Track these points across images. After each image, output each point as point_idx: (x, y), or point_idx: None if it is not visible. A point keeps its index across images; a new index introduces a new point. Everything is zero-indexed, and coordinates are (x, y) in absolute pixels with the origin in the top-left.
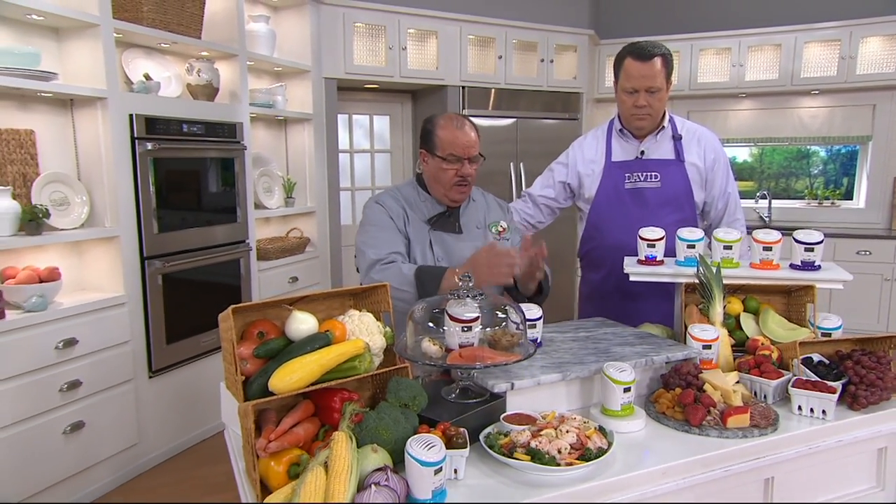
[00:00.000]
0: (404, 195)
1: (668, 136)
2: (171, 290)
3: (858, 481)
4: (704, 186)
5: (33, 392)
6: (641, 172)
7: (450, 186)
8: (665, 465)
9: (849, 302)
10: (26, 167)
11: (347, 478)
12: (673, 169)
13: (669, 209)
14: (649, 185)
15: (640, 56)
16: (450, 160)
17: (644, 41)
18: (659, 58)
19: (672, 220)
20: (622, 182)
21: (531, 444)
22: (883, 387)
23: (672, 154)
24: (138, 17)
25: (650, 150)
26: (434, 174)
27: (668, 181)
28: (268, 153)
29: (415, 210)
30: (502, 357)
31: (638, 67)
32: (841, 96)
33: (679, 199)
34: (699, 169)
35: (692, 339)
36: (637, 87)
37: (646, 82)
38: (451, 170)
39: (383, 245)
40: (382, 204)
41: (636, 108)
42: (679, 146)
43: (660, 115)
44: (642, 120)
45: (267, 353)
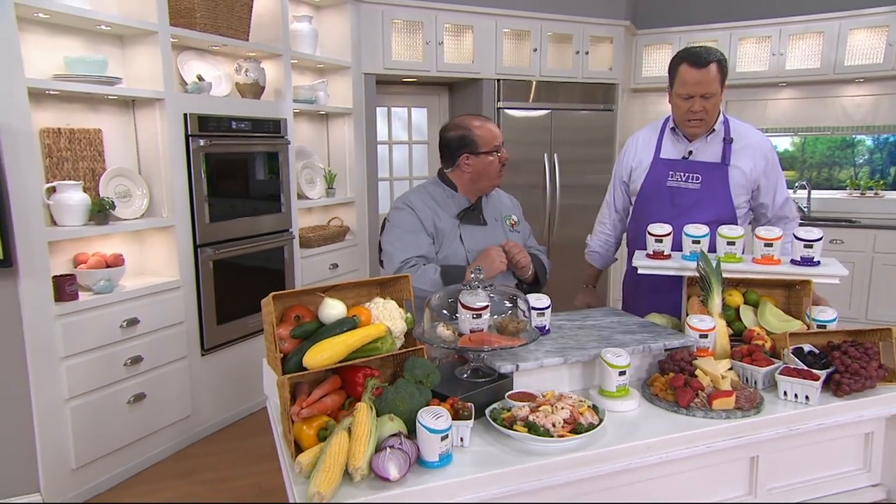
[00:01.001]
0: (431, 194)
1: (719, 139)
2: (221, 275)
3: (845, 463)
4: (748, 191)
5: (101, 365)
6: (685, 173)
7: (496, 175)
8: (650, 440)
9: (889, 293)
10: (94, 163)
11: (367, 441)
12: (716, 173)
13: (705, 211)
14: (689, 185)
15: (695, 63)
16: (493, 153)
17: (699, 47)
18: (714, 64)
19: (708, 220)
20: (665, 179)
21: (529, 418)
22: (866, 375)
23: (719, 157)
24: (192, 22)
25: (698, 152)
26: (482, 170)
27: (708, 184)
28: (310, 146)
29: (443, 207)
30: (508, 341)
31: (693, 74)
32: (888, 84)
33: (715, 201)
34: (745, 173)
35: (690, 329)
36: (692, 94)
37: (701, 88)
38: (496, 160)
39: (410, 248)
40: (412, 206)
41: (691, 113)
42: (728, 149)
43: (714, 119)
44: (696, 126)
45: (301, 334)
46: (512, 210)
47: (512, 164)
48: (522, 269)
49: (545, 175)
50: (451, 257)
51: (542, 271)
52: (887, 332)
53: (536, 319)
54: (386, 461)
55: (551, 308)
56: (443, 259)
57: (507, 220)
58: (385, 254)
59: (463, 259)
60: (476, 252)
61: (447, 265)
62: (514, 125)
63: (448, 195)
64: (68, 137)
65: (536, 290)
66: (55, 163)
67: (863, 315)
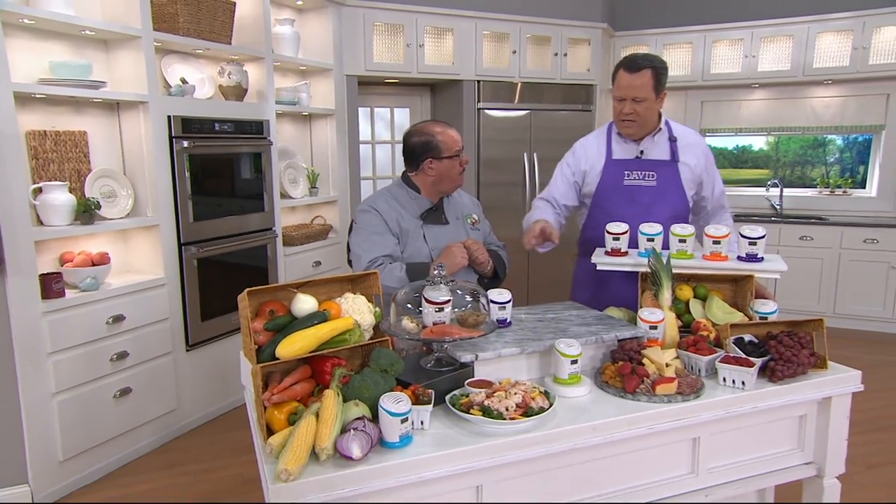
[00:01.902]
0: (395, 196)
1: (665, 138)
2: (205, 272)
3: (781, 444)
4: (696, 185)
5: (88, 361)
6: (640, 171)
7: (457, 176)
8: (595, 423)
9: (855, 288)
10: (80, 164)
11: (333, 424)
12: (668, 169)
13: (664, 206)
14: (646, 183)
15: (630, 68)
16: (454, 156)
17: (640, 54)
18: (648, 69)
19: (666, 217)
20: (622, 179)
21: (485, 403)
22: (797, 362)
23: (668, 155)
24: (175, 27)
25: (648, 151)
26: (445, 173)
27: (664, 180)
28: (293, 146)
29: (406, 209)
30: (467, 333)
31: (627, 78)
32: (854, 86)
33: (672, 197)
34: (691, 168)
35: (641, 321)
36: (624, 96)
37: (632, 92)
38: (457, 163)
39: (376, 248)
40: (377, 208)
41: (623, 114)
42: (674, 147)
43: (647, 122)
44: (628, 127)
45: (274, 326)
46: (473, 209)
47: (492, 162)
48: (481, 265)
49: (525, 174)
50: (416, 255)
51: (502, 266)
52: (819, 322)
53: (498, 313)
54: (349, 442)
55: (512, 302)
56: (408, 257)
57: (468, 218)
58: (353, 254)
59: (427, 256)
60: (439, 250)
61: (412, 263)
62: (494, 125)
63: (411, 197)
64: (54, 139)
65: (496, 285)
66: (41, 164)
67: (831, 309)
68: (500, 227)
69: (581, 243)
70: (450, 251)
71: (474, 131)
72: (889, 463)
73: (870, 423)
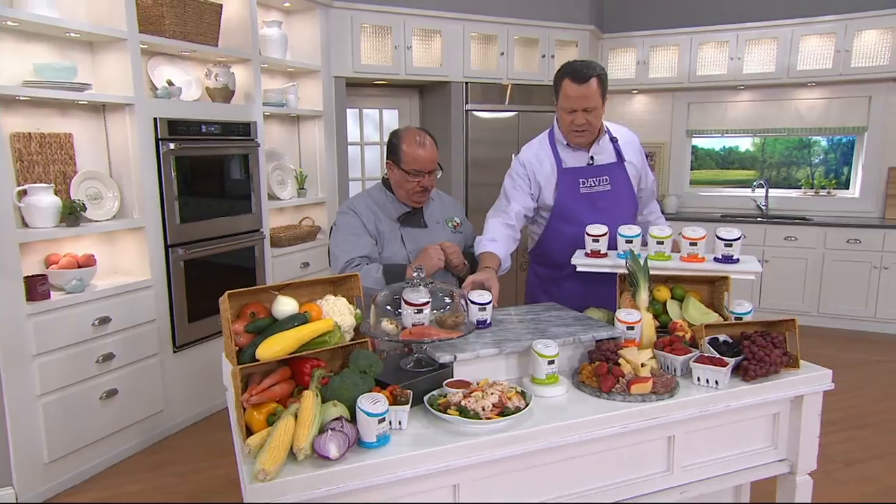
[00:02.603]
0: (374, 199)
1: (608, 140)
2: (193, 274)
3: (756, 441)
4: (637, 180)
5: (74, 362)
6: (595, 178)
7: (412, 194)
8: (570, 422)
9: (838, 288)
10: (65, 166)
11: (310, 424)
12: (618, 171)
13: (620, 208)
14: (601, 188)
15: (576, 78)
16: (413, 174)
17: (580, 62)
18: (594, 79)
19: (625, 214)
20: (577, 187)
21: (462, 403)
22: (770, 362)
23: (614, 156)
24: (161, 29)
25: (597, 156)
26: (399, 182)
27: (616, 183)
28: (281, 148)
29: (384, 211)
30: (445, 334)
31: (575, 89)
32: (837, 88)
33: (626, 198)
34: (635, 165)
35: (618, 322)
36: (575, 107)
37: (582, 103)
38: (415, 181)
39: (354, 249)
40: (355, 210)
41: (575, 125)
42: (617, 147)
43: (597, 129)
44: (581, 136)
45: (255, 328)
46: (455, 212)
47: (480, 164)
48: (455, 268)
49: None
50: (393, 258)
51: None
52: (791, 322)
53: (478, 314)
54: (327, 442)
55: (493, 303)
56: (385, 259)
57: (450, 221)
58: (332, 255)
59: (404, 259)
60: (416, 253)
61: (389, 264)
62: (482, 126)
63: (389, 200)
64: (39, 142)
65: None
66: (26, 166)
67: (815, 308)
68: None
69: (536, 254)
70: (426, 253)
71: (462, 132)
72: (867, 459)
73: (849, 420)
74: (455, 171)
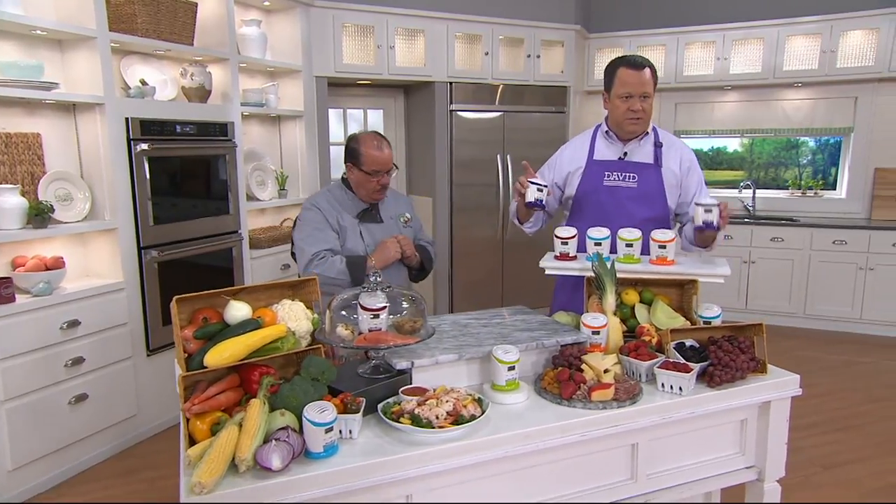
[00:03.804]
0: (335, 196)
1: (651, 143)
2: (167, 276)
3: (723, 448)
4: (679, 190)
5: (41, 367)
6: (621, 172)
7: (372, 192)
8: (527, 430)
9: (825, 289)
10: (34, 167)
11: (254, 434)
12: (650, 172)
13: (642, 207)
14: (626, 184)
15: (634, 65)
16: (373, 174)
17: (633, 55)
18: (649, 68)
19: (643, 218)
20: (601, 179)
21: (415, 411)
22: (736, 367)
23: (651, 159)
24: (133, 28)
25: (632, 153)
26: (359, 182)
27: (644, 183)
28: (262, 148)
29: (345, 208)
30: (401, 339)
31: (633, 75)
32: (823, 88)
33: (652, 199)
34: (675, 174)
35: (583, 326)
36: (633, 93)
37: (640, 88)
38: (375, 180)
39: (319, 242)
40: (318, 206)
41: (631, 111)
42: (659, 152)
43: (650, 119)
44: (636, 123)
45: (204, 335)
46: (406, 209)
47: (465, 164)
48: (408, 258)
49: (498, 175)
50: (353, 250)
51: (428, 260)
52: (759, 327)
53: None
54: (270, 452)
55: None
56: (346, 251)
57: (401, 217)
58: (297, 248)
59: (363, 251)
60: (374, 245)
61: (351, 255)
62: (467, 127)
63: (349, 197)
64: (5, 142)
65: (423, 276)
66: None
67: (801, 310)
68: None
69: None
70: (384, 245)
71: (447, 133)
72: (847, 463)
73: (832, 423)
74: (439, 172)
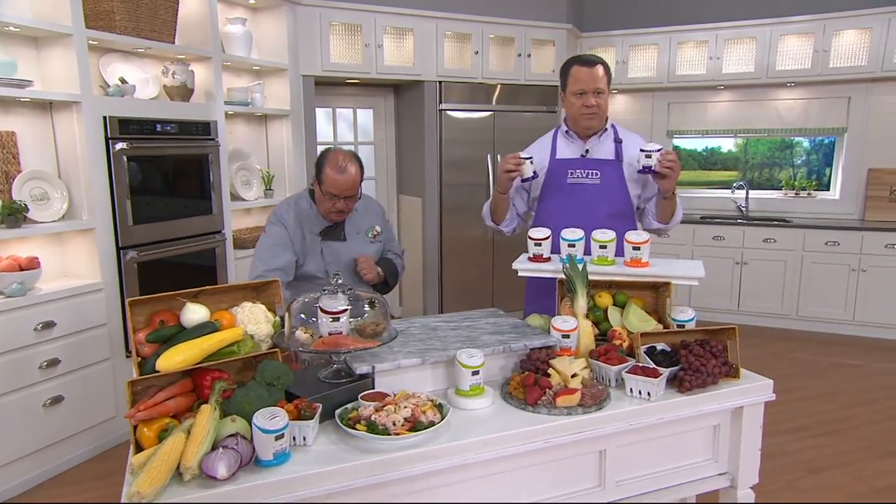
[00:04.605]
0: (301, 211)
1: (611, 139)
2: (147, 277)
3: (695, 454)
4: (640, 185)
5: (14, 369)
6: (583, 170)
7: (328, 213)
8: (487, 437)
9: (817, 290)
10: (8, 166)
11: (201, 442)
12: (612, 168)
13: (606, 204)
14: (589, 181)
15: (586, 63)
16: (329, 197)
17: (586, 54)
18: (601, 65)
19: (607, 213)
20: (565, 177)
21: (372, 417)
22: (706, 372)
23: (612, 154)
24: (111, 25)
25: (593, 150)
26: (319, 200)
27: (607, 178)
28: (248, 147)
29: (307, 225)
30: (361, 343)
31: (585, 72)
32: (816, 88)
33: (615, 195)
34: (636, 168)
35: (553, 329)
36: (586, 89)
37: (593, 84)
38: (331, 203)
39: (273, 260)
40: (285, 224)
41: (586, 107)
42: (619, 148)
43: (605, 115)
44: (591, 119)
45: (157, 338)
46: (376, 220)
47: (455, 164)
48: (368, 281)
49: (488, 175)
50: (312, 270)
51: (393, 276)
52: (732, 331)
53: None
54: (216, 461)
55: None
56: (304, 270)
57: (370, 232)
58: (254, 257)
59: (322, 272)
60: (335, 264)
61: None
62: (456, 126)
63: (314, 213)
64: None
65: (387, 291)
66: None
67: (794, 312)
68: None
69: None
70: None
71: (436, 133)
72: (833, 467)
73: (821, 426)
74: (429, 172)
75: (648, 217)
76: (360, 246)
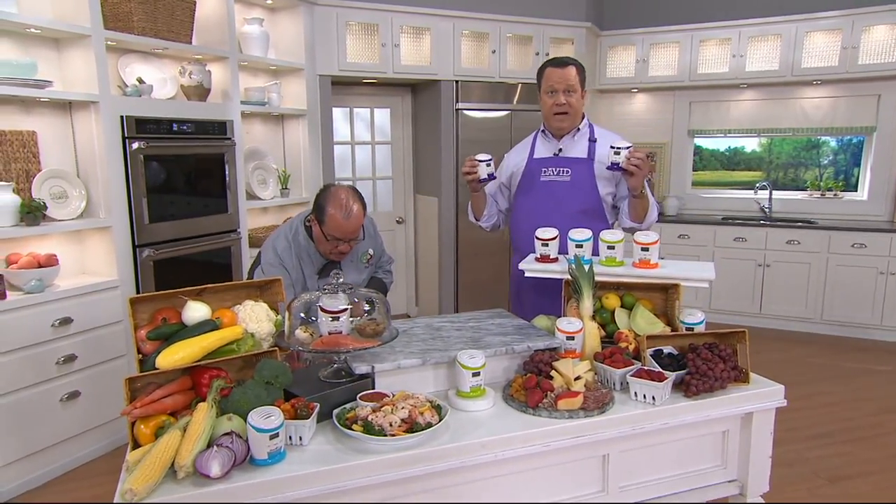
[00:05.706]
0: (300, 246)
1: (585, 138)
2: (163, 275)
3: (703, 460)
4: (613, 183)
5: (32, 364)
6: (556, 168)
7: (328, 253)
8: (485, 439)
9: (843, 294)
10: (29, 164)
11: (196, 439)
12: (583, 166)
13: (576, 201)
14: (560, 178)
15: (557, 64)
16: (330, 238)
17: (560, 56)
18: (573, 65)
19: (577, 210)
20: (539, 176)
21: (368, 418)
22: (714, 377)
23: (585, 153)
24: (129, 26)
25: (567, 149)
26: (319, 239)
27: (577, 176)
28: (265, 147)
29: (306, 265)
30: (360, 343)
31: (556, 72)
32: (844, 86)
33: (584, 191)
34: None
35: (558, 331)
36: (556, 88)
37: (563, 83)
38: (332, 245)
39: None
40: (280, 255)
41: (557, 105)
42: (593, 147)
43: (578, 114)
44: (562, 119)
45: (158, 336)
46: (370, 244)
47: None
48: None
49: None
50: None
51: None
52: (742, 334)
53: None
54: (209, 459)
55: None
56: None
57: (364, 257)
58: None
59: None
60: None
61: None
62: (473, 126)
63: (312, 250)
64: None
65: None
66: None
67: (818, 315)
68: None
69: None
70: None
71: (453, 132)
72: (857, 476)
73: (844, 433)
74: (445, 171)
75: (622, 216)
76: (354, 274)
